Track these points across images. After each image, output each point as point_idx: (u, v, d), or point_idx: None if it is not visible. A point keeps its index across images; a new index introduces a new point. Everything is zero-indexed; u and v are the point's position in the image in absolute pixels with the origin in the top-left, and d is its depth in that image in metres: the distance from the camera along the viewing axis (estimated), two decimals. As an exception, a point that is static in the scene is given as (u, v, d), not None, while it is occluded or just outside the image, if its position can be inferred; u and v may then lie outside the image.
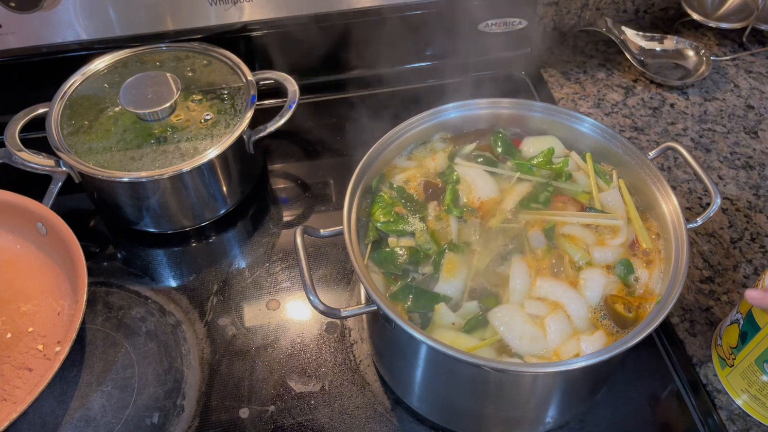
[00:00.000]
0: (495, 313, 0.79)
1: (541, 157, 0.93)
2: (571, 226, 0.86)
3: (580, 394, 0.87)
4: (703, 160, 1.19)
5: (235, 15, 1.20)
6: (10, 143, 1.04)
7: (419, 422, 0.90)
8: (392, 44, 1.30)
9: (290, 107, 1.10)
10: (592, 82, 1.34)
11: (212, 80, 1.13)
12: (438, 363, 0.80)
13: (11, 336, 0.96)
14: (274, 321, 1.00)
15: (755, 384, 0.84)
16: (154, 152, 1.03)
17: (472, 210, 0.89)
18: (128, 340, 0.97)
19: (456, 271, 0.82)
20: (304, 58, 1.29)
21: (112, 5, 1.14)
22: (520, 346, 0.77)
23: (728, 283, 1.01)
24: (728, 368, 0.88)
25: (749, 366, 0.83)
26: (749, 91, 1.32)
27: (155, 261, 1.08)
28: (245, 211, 1.15)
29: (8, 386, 0.90)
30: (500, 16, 1.31)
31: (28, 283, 1.02)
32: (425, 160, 0.95)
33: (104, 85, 1.12)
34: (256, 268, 1.07)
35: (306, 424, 0.89)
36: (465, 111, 0.97)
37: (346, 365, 0.95)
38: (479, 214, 0.89)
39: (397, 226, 0.86)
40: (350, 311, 0.77)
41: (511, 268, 0.82)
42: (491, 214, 0.89)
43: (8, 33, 1.14)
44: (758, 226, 1.08)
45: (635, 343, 0.71)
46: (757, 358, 0.81)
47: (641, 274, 0.82)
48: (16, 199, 1.02)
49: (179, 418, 0.90)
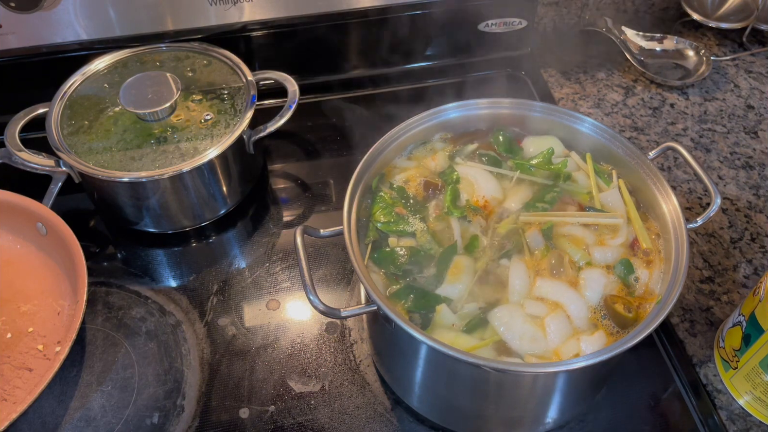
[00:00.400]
0: (495, 313, 0.79)
1: (541, 158, 0.93)
2: (571, 226, 0.86)
3: (580, 394, 0.87)
4: (703, 160, 1.19)
5: (235, 15, 1.20)
6: (10, 143, 1.04)
7: (419, 422, 0.90)
8: (392, 44, 1.30)
9: (290, 107, 1.10)
10: (592, 82, 1.34)
11: (212, 80, 1.13)
12: (438, 363, 0.80)
13: (11, 336, 0.96)
14: (274, 321, 1.00)
15: (760, 386, 0.83)
16: (154, 152, 1.03)
17: (476, 209, 0.88)
18: (128, 340, 0.97)
19: (461, 275, 0.81)
20: (304, 58, 1.29)
21: (112, 5, 1.14)
22: (520, 347, 0.77)
23: (728, 283, 1.01)
24: (732, 371, 0.87)
25: (753, 368, 0.83)
26: (749, 91, 1.32)
27: (155, 261, 1.08)
28: (245, 211, 1.15)
29: (8, 386, 0.90)
30: (500, 16, 1.31)
31: (28, 283, 1.02)
32: (425, 160, 0.95)
33: (104, 85, 1.12)
34: (256, 268, 1.07)
35: (306, 424, 0.89)
36: (465, 111, 0.97)
37: (346, 365, 0.95)
38: (484, 213, 0.88)
39: (398, 226, 0.86)
40: (350, 311, 0.77)
41: (511, 269, 0.82)
42: (496, 213, 0.88)
43: (8, 33, 1.14)
44: (758, 226, 1.08)
45: (635, 343, 0.71)
46: (761, 360, 0.81)
47: (641, 274, 0.82)
48: (16, 199, 1.02)
49: (179, 418, 0.90)
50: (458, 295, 0.81)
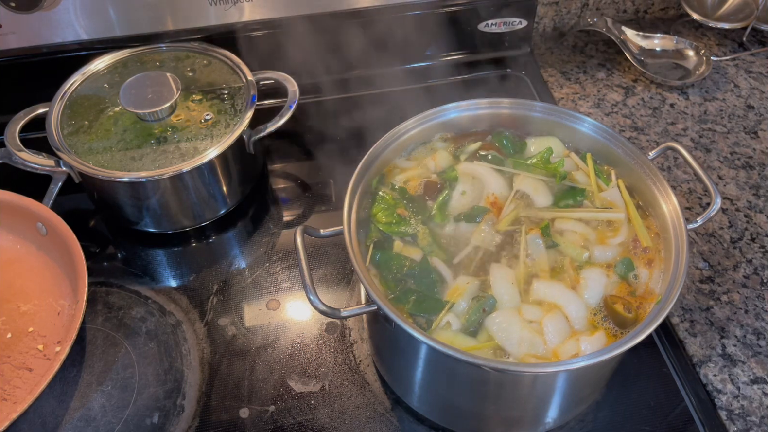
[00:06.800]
0: (493, 318, 0.78)
1: (538, 157, 0.93)
2: (572, 226, 0.86)
3: (580, 395, 0.87)
4: (703, 160, 1.19)
5: (235, 15, 1.20)
6: (10, 143, 1.04)
7: (419, 422, 0.90)
8: (392, 44, 1.30)
9: (290, 107, 1.10)
10: (592, 82, 1.34)
11: (212, 80, 1.13)
12: (438, 363, 0.80)
13: (11, 336, 0.96)
14: (274, 321, 1.00)
15: None
16: (154, 152, 1.03)
17: (485, 209, 0.88)
18: (128, 340, 0.97)
19: (464, 291, 0.80)
20: (304, 57, 1.29)
21: (112, 5, 1.14)
22: (518, 351, 0.76)
23: (728, 283, 1.01)
24: None
25: None
26: (749, 91, 1.32)
27: (155, 261, 1.08)
28: (245, 211, 1.15)
29: (8, 386, 0.90)
30: (500, 16, 1.31)
31: (28, 283, 1.02)
32: (426, 160, 0.95)
33: (104, 85, 1.12)
34: (256, 268, 1.07)
35: (306, 424, 0.89)
36: (465, 111, 0.97)
37: (346, 365, 0.95)
38: (493, 212, 0.88)
39: (400, 227, 0.86)
40: (350, 311, 0.77)
41: (511, 270, 0.82)
42: (504, 215, 0.88)
43: (8, 33, 1.14)
44: (758, 226, 1.08)
45: (635, 344, 0.71)
46: None
47: (641, 273, 0.82)
48: (16, 199, 1.02)
49: (179, 418, 0.90)
50: (462, 301, 0.80)
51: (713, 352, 0.94)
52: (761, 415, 0.88)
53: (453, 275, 0.83)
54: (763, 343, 0.95)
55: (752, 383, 0.91)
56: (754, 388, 0.90)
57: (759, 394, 0.90)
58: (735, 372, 0.92)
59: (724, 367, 0.92)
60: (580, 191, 0.90)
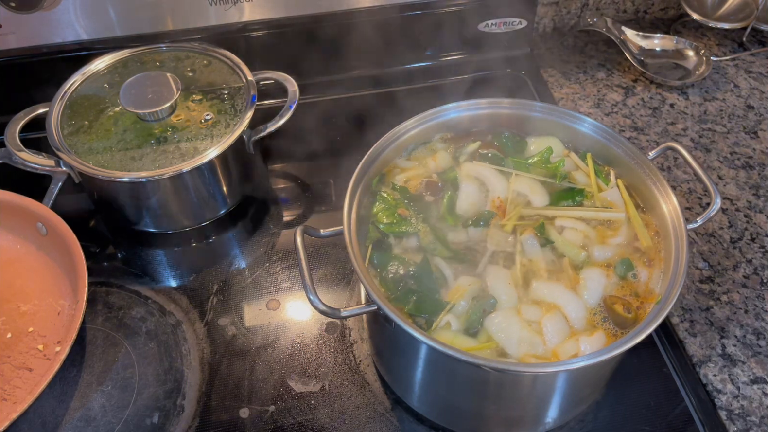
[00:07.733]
0: (492, 318, 0.78)
1: (538, 157, 0.93)
2: (572, 225, 0.86)
3: (579, 395, 0.87)
4: (703, 160, 1.19)
5: (235, 15, 1.20)
6: (10, 143, 1.04)
7: (419, 422, 0.90)
8: (392, 44, 1.30)
9: (290, 107, 1.10)
10: (592, 82, 1.35)
11: (212, 80, 1.13)
12: (438, 363, 0.80)
13: (11, 336, 0.96)
14: (274, 321, 1.00)
15: None
16: (154, 152, 1.03)
17: (490, 213, 0.88)
18: (128, 340, 0.97)
19: (465, 291, 0.80)
20: (304, 57, 1.29)
21: (112, 5, 1.14)
22: (518, 352, 0.76)
23: (728, 283, 1.01)
24: None
25: None
26: (749, 91, 1.32)
27: (155, 261, 1.08)
28: (245, 211, 1.15)
29: (8, 386, 0.90)
30: (500, 16, 1.31)
31: (28, 283, 1.02)
32: (426, 160, 0.95)
33: (104, 85, 1.12)
34: (256, 268, 1.07)
35: (306, 424, 0.89)
36: (465, 111, 0.97)
37: (346, 365, 0.95)
38: (498, 213, 0.88)
39: (400, 227, 0.86)
40: (350, 311, 0.77)
41: (511, 271, 0.82)
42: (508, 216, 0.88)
43: (8, 33, 1.14)
44: (758, 226, 1.08)
45: (635, 344, 0.71)
46: None
47: (641, 273, 0.82)
48: (16, 199, 1.02)
49: (179, 418, 0.90)
50: (462, 303, 0.80)
51: (713, 352, 0.94)
52: (761, 415, 0.88)
53: (454, 275, 0.83)
54: (763, 343, 0.95)
55: (752, 383, 0.91)
56: (754, 388, 0.90)
57: (759, 394, 0.90)
58: (735, 372, 0.92)
59: (724, 367, 0.92)
60: (579, 191, 0.90)
